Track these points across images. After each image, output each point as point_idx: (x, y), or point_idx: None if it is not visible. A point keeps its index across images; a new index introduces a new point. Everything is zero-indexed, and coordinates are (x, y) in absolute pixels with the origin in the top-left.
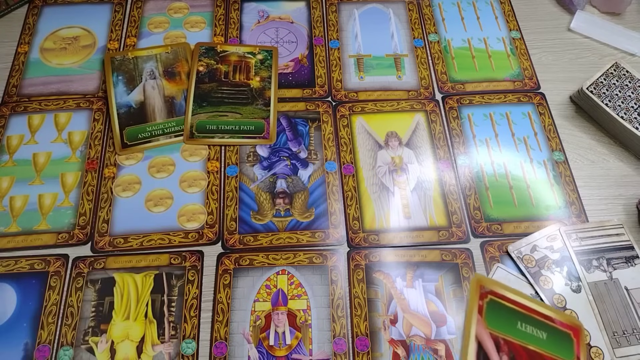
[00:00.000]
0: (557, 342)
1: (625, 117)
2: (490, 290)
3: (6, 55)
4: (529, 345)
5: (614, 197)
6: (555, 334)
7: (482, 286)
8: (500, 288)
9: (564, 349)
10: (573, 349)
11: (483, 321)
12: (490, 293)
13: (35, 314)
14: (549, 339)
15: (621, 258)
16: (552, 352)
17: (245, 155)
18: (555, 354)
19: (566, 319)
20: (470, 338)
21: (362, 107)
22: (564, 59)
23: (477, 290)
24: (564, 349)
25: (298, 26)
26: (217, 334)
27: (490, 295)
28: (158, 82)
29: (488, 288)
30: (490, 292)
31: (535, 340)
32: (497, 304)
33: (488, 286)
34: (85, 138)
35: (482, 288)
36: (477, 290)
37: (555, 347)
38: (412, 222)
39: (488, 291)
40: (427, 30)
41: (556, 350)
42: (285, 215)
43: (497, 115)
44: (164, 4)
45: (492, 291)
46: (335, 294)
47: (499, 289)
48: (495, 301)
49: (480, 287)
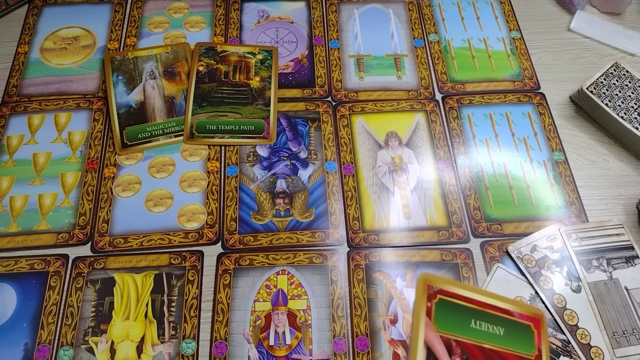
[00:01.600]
0: (516, 336)
1: (625, 117)
2: (439, 290)
3: (6, 55)
4: (484, 343)
5: (614, 197)
6: (514, 327)
7: (429, 286)
8: (451, 285)
9: (524, 342)
10: (533, 340)
11: (432, 324)
12: (440, 292)
13: (35, 314)
14: (507, 334)
15: (621, 258)
16: (509, 348)
17: (245, 155)
18: (513, 349)
19: (526, 309)
20: (418, 344)
21: (362, 107)
22: (564, 59)
23: (425, 290)
24: (523, 342)
25: (298, 26)
26: (217, 334)
27: (439, 294)
28: (158, 82)
29: (437, 287)
30: (439, 292)
31: (491, 338)
32: (448, 303)
33: (436, 285)
34: (85, 138)
35: (430, 288)
36: (424, 291)
37: (514, 342)
38: (412, 222)
39: (437, 291)
40: (427, 30)
41: (514, 345)
42: (285, 215)
43: (497, 115)
44: (164, 4)
45: (441, 290)
46: (335, 294)
47: (448, 287)
48: (445, 301)
49: (428, 287)
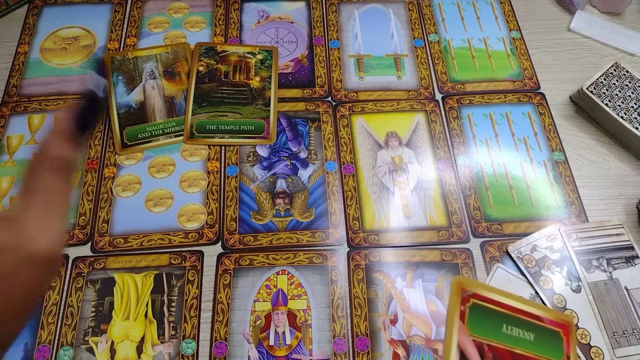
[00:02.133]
0: (546, 342)
1: (625, 117)
2: (472, 294)
3: (6, 55)
4: (515, 348)
5: (614, 197)
6: (544, 333)
7: (463, 289)
8: (484, 289)
9: (553, 349)
10: (562, 347)
11: (465, 328)
12: (473, 296)
13: (35, 314)
14: (537, 340)
15: (621, 258)
16: (539, 354)
17: (245, 155)
18: (542, 355)
19: (555, 316)
20: (451, 348)
21: (362, 107)
22: (564, 59)
23: (459, 294)
24: (552, 349)
25: (298, 26)
26: (217, 334)
27: (472, 298)
28: (158, 82)
29: (470, 291)
30: (472, 296)
31: (522, 343)
32: (481, 307)
33: (470, 289)
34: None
35: (464, 292)
36: (458, 294)
37: (544, 348)
38: (412, 222)
39: (470, 295)
40: (427, 30)
41: (544, 351)
42: (285, 215)
43: (497, 115)
44: (164, 4)
45: (474, 294)
46: (335, 294)
47: (482, 291)
48: (478, 305)
49: (462, 291)
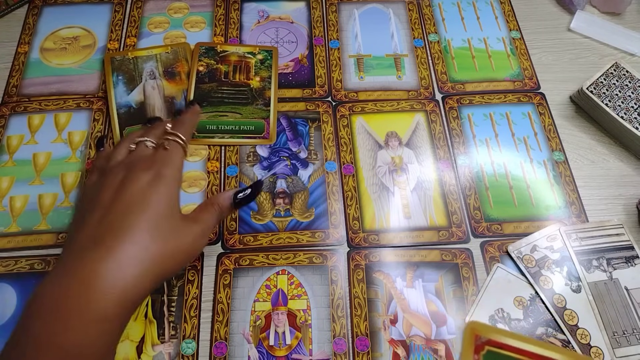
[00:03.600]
0: None
1: (625, 117)
2: (487, 340)
3: (6, 55)
4: None
5: (614, 197)
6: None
7: (477, 336)
8: (500, 335)
9: None
10: None
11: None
12: (488, 343)
13: None
14: None
15: (621, 258)
16: None
17: (245, 155)
18: None
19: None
20: None
21: (362, 107)
22: (564, 59)
23: (472, 341)
24: None
25: (298, 26)
26: (217, 334)
27: (487, 346)
28: (158, 82)
29: (485, 337)
30: (487, 342)
31: None
32: (497, 355)
33: (485, 335)
34: (85, 138)
35: (478, 338)
36: (471, 341)
37: None
38: (412, 222)
39: (485, 341)
40: (427, 30)
41: None
42: (285, 215)
43: (497, 115)
44: (164, 4)
45: (489, 340)
46: (335, 294)
47: (498, 337)
48: (494, 353)
49: (476, 338)
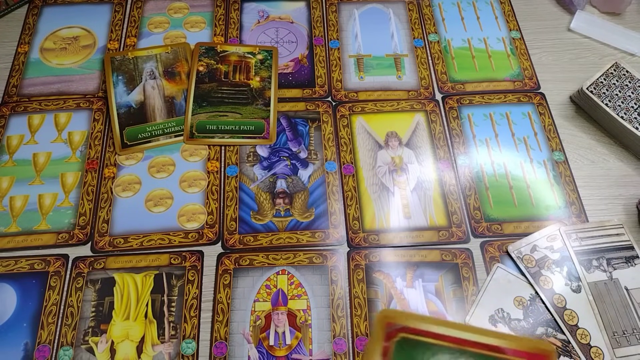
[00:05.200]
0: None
1: (625, 117)
2: (401, 327)
3: (6, 55)
4: None
5: (614, 197)
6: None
7: (389, 323)
8: (417, 321)
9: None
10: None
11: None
12: (403, 330)
13: (35, 314)
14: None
15: (621, 258)
16: None
17: (245, 155)
18: None
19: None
20: None
21: (362, 107)
22: (564, 59)
23: (383, 329)
24: None
25: (298, 26)
26: (217, 334)
27: (401, 333)
28: (158, 82)
29: (399, 324)
30: (401, 329)
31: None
32: (412, 342)
33: (399, 322)
34: (85, 138)
35: (390, 326)
36: (382, 329)
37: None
38: (412, 222)
39: (399, 328)
40: (427, 30)
41: None
42: (285, 215)
43: (497, 115)
44: (164, 4)
45: (404, 327)
46: (335, 294)
47: (415, 323)
48: (408, 339)
49: (387, 325)
